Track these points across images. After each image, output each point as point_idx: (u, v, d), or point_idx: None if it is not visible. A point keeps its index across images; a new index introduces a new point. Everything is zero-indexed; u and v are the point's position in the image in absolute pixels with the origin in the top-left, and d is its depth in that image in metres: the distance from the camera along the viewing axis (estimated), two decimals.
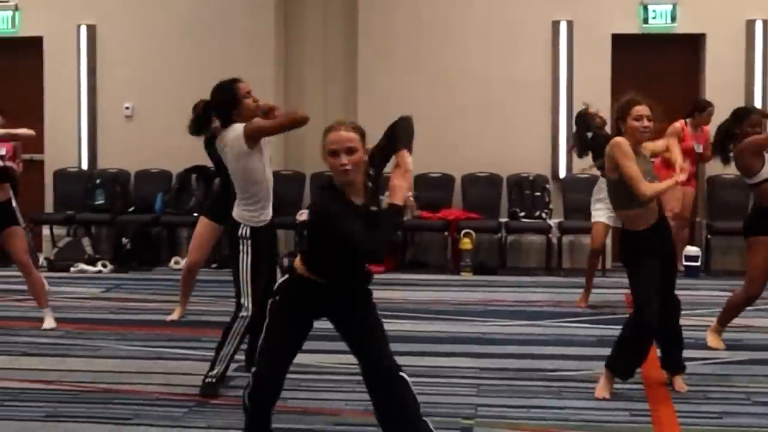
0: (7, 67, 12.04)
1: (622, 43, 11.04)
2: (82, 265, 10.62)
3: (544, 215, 10.84)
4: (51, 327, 7.36)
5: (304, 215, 10.11)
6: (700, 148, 9.98)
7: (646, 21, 11.06)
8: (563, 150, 10.88)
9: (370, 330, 4.21)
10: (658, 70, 11.03)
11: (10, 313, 8.12)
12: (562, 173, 11.04)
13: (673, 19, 11.02)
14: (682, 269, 10.24)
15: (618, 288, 8.71)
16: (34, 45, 11.70)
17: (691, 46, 11.19)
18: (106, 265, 10.62)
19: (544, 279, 10.16)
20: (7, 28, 11.80)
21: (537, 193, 10.94)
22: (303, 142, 10.61)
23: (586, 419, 5.15)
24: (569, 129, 10.27)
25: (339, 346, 6.54)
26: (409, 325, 7.62)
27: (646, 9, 11.03)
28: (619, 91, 10.38)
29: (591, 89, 10.80)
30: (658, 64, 11.09)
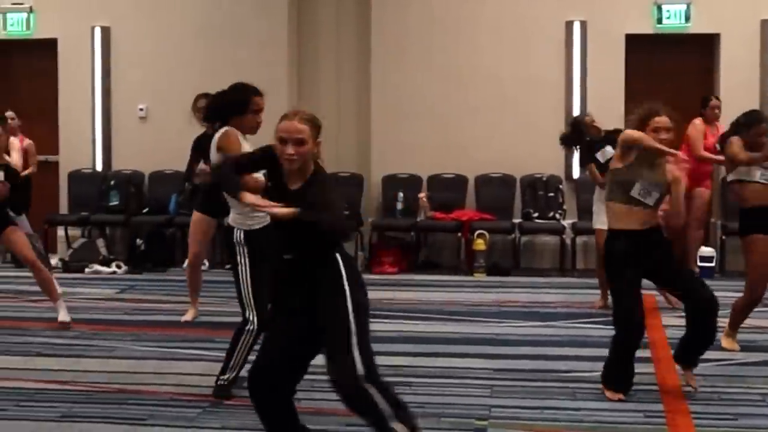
0: (22, 68, 12.12)
1: (635, 44, 11.00)
2: (97, 266, 10.65)
3: (557, 216, 10.82)
4: (66, 320, 7.39)
5: None
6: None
7: (660, 21, 11.02)
8: (577, 151, 10.81)
9: (327, 332, 4.05)
10: (671, 70, 11.00)
11: (25, 313, 8.16)
12: (576, 174, 11.00)
13: (687, 19, 10.98)
14: (697, 270, 10.24)
15: None
16: (49, 47, 11.75)
17: (706, 46, 11.15)
18: (120, 266, 10.65)
19: (558, 280, 10.14)
20: (22, 30, 11.85)
21: (550, 194, 10.93)
22: None
23: (600, 420, 5.14)
24: None
25: None
26: (422, 326, 7.62)
27: (660, 9, 10.99)
28: (633, 91, 10.55)
29: (604, 90, 10.81)
30: (672, 64, 11.06)
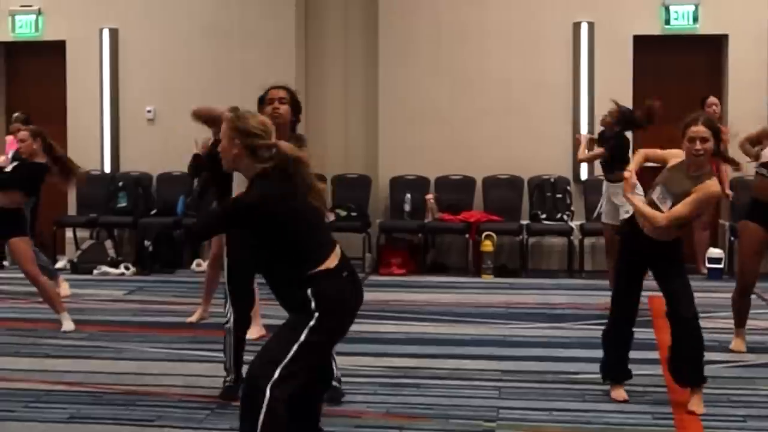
0: (30, 70, 12.14)
1: (643, 45, 10.98)
2: (105, 268, 10.67)
3: (565, 217, 10.81)
4: (70, 329, 7.41)
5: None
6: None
7: (667, 22, 10.99)
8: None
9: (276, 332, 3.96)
10: (680, 71, 10.97)
11: (34, 315, 8.16)
12: (584, 175, 10.99)
13: (695, 20, 10.95)
14: (705, 271, 10.23)
15: (643, 291, 8.63)
16: (57, 49, 11.77)
17: (714, 47, 11.12)
18: (128, 268, 10.67)
19: (566, 281, 10.12)
20: (30, 31, 11.87)
21: (558, 195, 10.92)
22: (323, 145, 10.68)
23: (608, 422, 5.13)
24: (590, 131, 10.21)
25: (359, 349, 6.61)
26: (430, 328, 7.62)
27: (667, 10, 10.96)
28: (641, 92, 10.50)
29: (612, 91, 10.71)
30: (679, 65, 11.03)
